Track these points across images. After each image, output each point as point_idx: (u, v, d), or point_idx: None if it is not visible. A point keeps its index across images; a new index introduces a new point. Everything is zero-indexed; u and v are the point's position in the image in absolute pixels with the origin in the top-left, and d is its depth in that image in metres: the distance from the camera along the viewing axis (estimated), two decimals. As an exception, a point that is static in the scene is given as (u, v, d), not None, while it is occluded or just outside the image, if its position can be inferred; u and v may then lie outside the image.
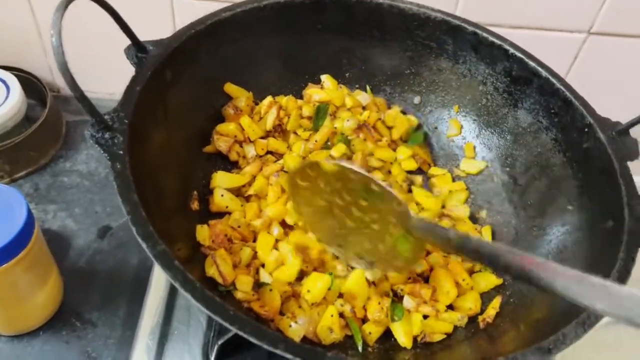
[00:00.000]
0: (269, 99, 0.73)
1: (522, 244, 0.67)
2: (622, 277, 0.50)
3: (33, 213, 0.61)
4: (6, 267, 0.57)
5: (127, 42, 0.58)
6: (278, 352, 0.42)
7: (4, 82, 0.88)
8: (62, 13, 0.48)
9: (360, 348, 0.58)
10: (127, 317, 0.70)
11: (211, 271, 0.57)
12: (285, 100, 0.74)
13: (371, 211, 0.56)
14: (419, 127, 0.79)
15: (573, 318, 0.48)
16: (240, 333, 0.43)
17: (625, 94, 0.95)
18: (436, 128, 0.79)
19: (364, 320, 0.60)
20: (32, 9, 0.89)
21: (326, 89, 0.75)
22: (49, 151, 0.90)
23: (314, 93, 0.74)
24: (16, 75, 0.90)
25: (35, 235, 0.61)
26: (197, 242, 0.61)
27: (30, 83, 0.93)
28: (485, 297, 0.64)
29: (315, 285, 0.58)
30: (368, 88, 0.79)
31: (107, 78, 0.94)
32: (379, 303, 0.58)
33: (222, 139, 0.70)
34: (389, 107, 0.79)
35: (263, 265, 0.61)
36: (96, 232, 0.80)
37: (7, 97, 0.86)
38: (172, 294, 0.69)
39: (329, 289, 0.59)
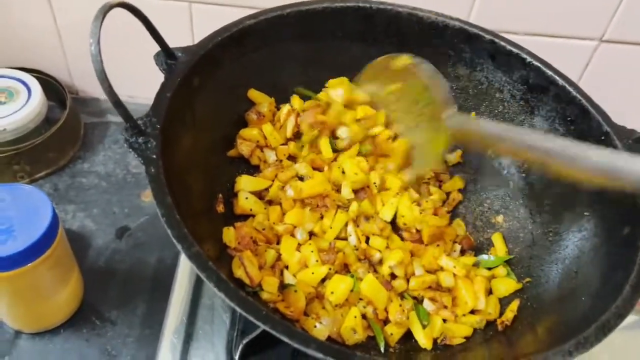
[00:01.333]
0: (287, 107, 0.75)
1: (538, 249, 0.68)
2: (639, 284, 0.51)
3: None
4: (31, 266, 0.59)
5: (147, 45, 0.59)
6: (309, 351, 0.43)
7: (25, 84, 0.89)
8: (101, 21, 0.49)
9: (382, 348, 0.59)
10: (145, 316, 0.72)
11: (239, 272, 0.59)
12: (305, 105, 0.75)
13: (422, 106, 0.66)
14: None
15: (591, 322, 0.49)
16: (273, 332, 0.44)
17: (637, 101, 0.96)
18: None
19: (386, 321, 0.61)
20: (53, 12, 0.91)
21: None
22: (68, 152, 0.91)
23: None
24: (37, 78, 0.91)
25: (60, 235, 0.62)
26: (223, 243, 0.62)
27: (50, 85, 0.94)
28: (504, 301, 0.65)
29: (338, 287, 0.60)
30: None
31: (129, 81, 0.95)
32: (400, 305, 0.60)
33: (245, 143, 0.71)
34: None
35: (287, 267, 0.62)
36: (114, 233, 0.82)
37: (28, 99, 0.87)
38: (196, 293, 0.70)
39: (352, 290, 0.60)
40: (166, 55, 0.60)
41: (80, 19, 0.84)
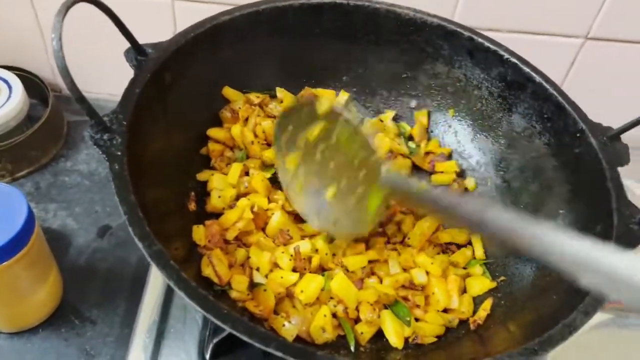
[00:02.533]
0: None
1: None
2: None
3: (34, 212, 0.61)
4: (6, 265, 0.58)
5: (124, 40, 0.59)
6: (270, 350, 0.43)
7: (6, 82, 0.89)
8: (63, 17, 0.49)
9: (352, 347, 0.59)
10: (125, 315, 0.71)
11: (207, 271, 0.58)
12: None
13: (348, 161, 0.59)
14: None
15: (558, 321, 0.49)
16: (233, 332, 0.44)
17: (622, 99, 0.95)
18: (431, 132, 0.80)
19: (357, 320, 0.61)
20: (35, 9, 0.90)
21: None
22: (50, 150, 0.91)
23: None
24: (18, 75, 0.91)
25: (36, 234, 0.61)
26: (194, 242, 0.62)
27: (32, 83, 0.94)
28: (477, 299, 0.64)
29: (308, 286, 0.59)
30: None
31: (109, 79, 0.95)
32: (372, 304, 0.59)
33: (210, 145, 0.71)
34: (384, 112, 0.81)
35: (257, 269, 0.62)
36: (96, 232, 0.81)
37: (9, 97, 0.86)
38: (168, 292, 0.70)
39: (322, 289, 0.60)
40: (136, 51, 0.59)
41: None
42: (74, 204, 0.85)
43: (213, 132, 0.71)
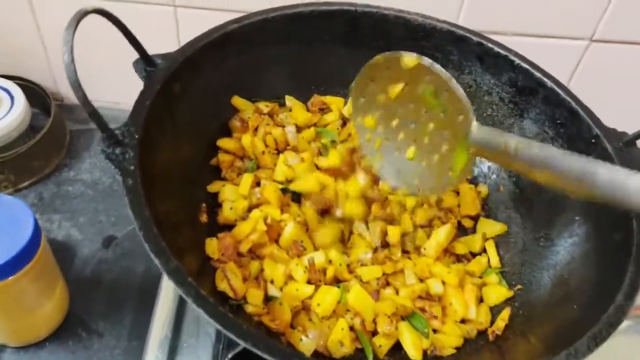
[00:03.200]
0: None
1: (529, 255, 0.67)
2: (632, 292, 0.50)
3: (39, 224, 0.61)
4: (13, 279, 0.58)
5: (133, 50, 0.58)
6: (292, 368, 0.42)
7: (8, 92, 0.88)
8: (74, 30, 0.48)
9: (371, 360, 0.58)
10: (133, 327, 0.70)
11: (222, 285, 0.57)
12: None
13: (432, 119, 0.56)
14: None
15: (583, 332, 0.48)
16: (253, 349, 0.43)
17: (628, 101, 0.95)
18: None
19: (374, 333, 0.60)
20: (36, 19, 0.89)
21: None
22: (53, 160, 0.90)
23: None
24: (20, 85, 0.90)
25: (42, 247, 0.61)
26: (206, 255, 0.61)
27: (34, 92, 0.93)
28: (495, 309, 0.64)
29: (325, 299, 0.58)
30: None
31: (113, 87, 0.94)
32: (389, 316, 0.58)
33: (221, 156, 0.70)
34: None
35: (272, 281, 0.61)
36: (101, 242, 0.81)
37: (11, 107, 0.86)
38: (180, 305, 0.69)
39: (339, 302, 0.59)
40: (145, 62, 0.59)
41: (64, 24, 0.83)
42: (78, 214, 0.84)
43: (223, 142, 0.71)
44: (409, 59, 0.56)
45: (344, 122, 0.78)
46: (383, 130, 0.61)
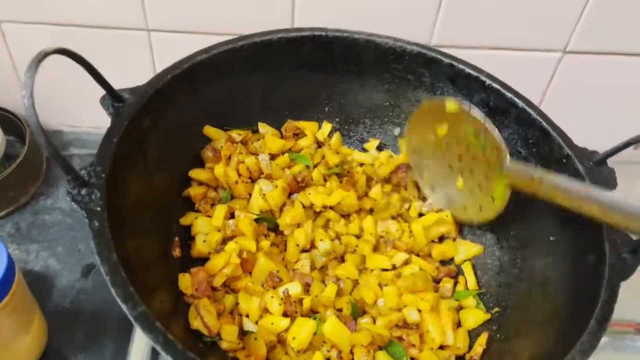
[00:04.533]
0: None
1: (506, 276, 0.67)
2: (606, 315, 0.50)
3: (14, 257, 0.60)
4: (-13, 316, 0.57)
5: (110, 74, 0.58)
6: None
7: (-19, 120, 0.87)
8: (34, 71, 0.47)
9: (348, 393, 0.58)
10: (114, 358, 0.69)
11: (195, 323, 0.56)
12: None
13: (474, 155, 0.66)
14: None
15: (560, 356, 0.48)
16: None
17: (602, 111, 0.96)
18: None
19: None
20: (7, 45, 0.88)
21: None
22: (30, 189, 0.88)
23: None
24: (-7, 113, 0.89)
25: (17, 282, 0.60)
26: (180, 290, 0.60)
27: (8, 120, 0.91)
28: (472, 333, 0.64)
29: (300, 332, 0.58)
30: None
31: (93, 112, 0.93)
32: (366, 346, 0.58)
33: (192, 189, 0.70)
34: (368, 141, 0.80)
35: (247, 315, 0.60)
36: (80, 271, 0.79)
37: (-15, 136, 0.84)
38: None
39: (315, 334, 0.59)
40: (112, 98, 0.58)
41: (37, 51, 0.83)
42: (56, 243, 0.83)
43: (195, 173, 0.70)
44: (451, 104, 0.66)
45: (319, 146, 0.78)
46: (433, 164, 0.72)
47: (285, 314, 0.60)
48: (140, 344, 0.68)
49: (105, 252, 0.47)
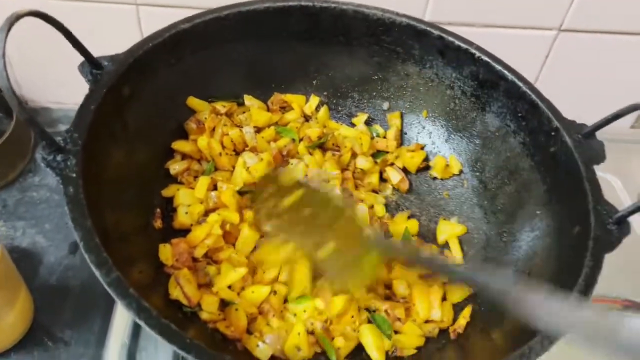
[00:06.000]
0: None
1: (492, 250, 0.67)
2: (588, 285, 0.49)
3: (0, 233, 0.59)
4: (-29, 290, 0.56)
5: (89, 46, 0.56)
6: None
7: (-34, 96, 0.86)
8: (6, 33, 0.46)
9: (334, 362, 0.57)
10: (101, 334, 0.68)
11: (175, 293, 0.56)
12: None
13: (330, 227, 0.59)
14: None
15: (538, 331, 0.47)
16: (198, 361, 0.42)
17: (597, 90, 0.95)
18: (405, 134, 0.78)
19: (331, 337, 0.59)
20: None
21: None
22: (17, 165, 0.88)
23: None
24: (-22, 89, 0.88)
25: (0, 256, 0.59)
26: (161, 262, 0.59)
27: (-6, 96, 0.91)
28: (457, 307, 0.63)
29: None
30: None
31: (79, 88, 0.92)
32: (352, 317, 0.57)
33: (173, 165, 0.68)
34: (356, 115, 0.79)
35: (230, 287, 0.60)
36: (67, 248, 0.79)
37: (-30, 112, 0.84)
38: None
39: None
40: (91, 65, 0.57)
41: (25, 24, 0.82)
42: (44, 220, 0.82)
43: (178, 145, 0.69)
44: (285, 177, 0.62)
45: (306, 119, 0.77)
46: (292, 237, 0.61)
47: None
48: (121, 319, 0.67)
49: (79, 218, 0.46)
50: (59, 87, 0.94)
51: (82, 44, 0.55)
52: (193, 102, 0.71)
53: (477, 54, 0.68)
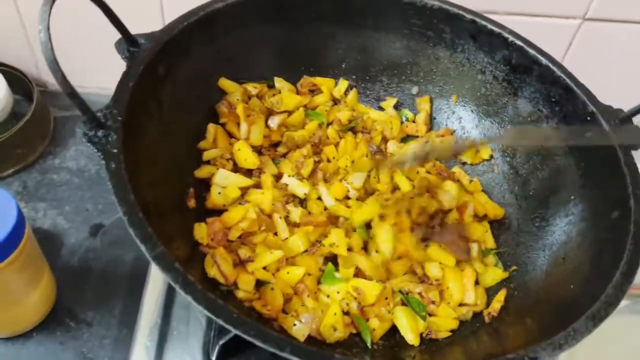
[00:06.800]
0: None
1: (524, 235, 0.66)
2: (630, 270, 0.49)
3: (23, 213, 0.59)
4: (-3, 269, 0.56)
5: (119, 35, 0.56)
6: (284, 354, 0.41)
7: (-12, 78, 0.85)
8: (50, 6, 0.46)
9: (369, 344, 0.57)
10: (123, 316, 0.69)
11: (212, 272, 0.56)
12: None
13: None
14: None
15: (581, 312, 0.47)
16: (245, 336, 0.42)
17: (620, 80, 0.94)
18: (434, 118, 0.78)
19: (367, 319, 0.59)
20: (16, 2, 0.86)
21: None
22: (37, 148, 0.88)
23: None
24: (1, 71, 0.87)
25: (27, 236, 0.59)
26: (195, 240, 0.59)
27: (16, 78, 0.90)
28: (491, 291, 0.63)
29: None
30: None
31: (100, 72, 0.91)
32: (386, 299, 0.57)
33: (208, 153, 0.68)
34: (385, 99, 0.79)
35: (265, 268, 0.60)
36: (88, 230, 0.79)
37: (-8, 93, 0.83)
38: (170, 292, 0.67)
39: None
40: (128, 42, 0.56)
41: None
42: (64, 202, 0.82)
43: (207, 154, 0.68)
44: None
45: (335, 103, 0.77)
46: None
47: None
48: (151, 300, 0.67)
49: (122, 192, 0.46)
50: (78, 72, 0.94)
51: (121, 22, 0.55)
52: (224, 83, 0.70)
53: (511, 38, 0.67)
